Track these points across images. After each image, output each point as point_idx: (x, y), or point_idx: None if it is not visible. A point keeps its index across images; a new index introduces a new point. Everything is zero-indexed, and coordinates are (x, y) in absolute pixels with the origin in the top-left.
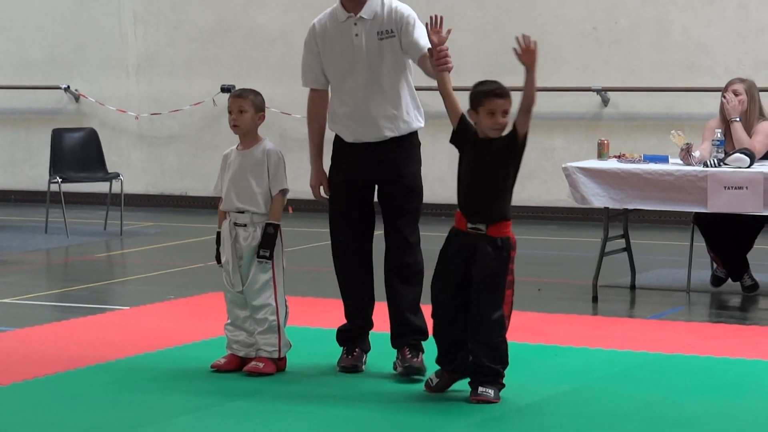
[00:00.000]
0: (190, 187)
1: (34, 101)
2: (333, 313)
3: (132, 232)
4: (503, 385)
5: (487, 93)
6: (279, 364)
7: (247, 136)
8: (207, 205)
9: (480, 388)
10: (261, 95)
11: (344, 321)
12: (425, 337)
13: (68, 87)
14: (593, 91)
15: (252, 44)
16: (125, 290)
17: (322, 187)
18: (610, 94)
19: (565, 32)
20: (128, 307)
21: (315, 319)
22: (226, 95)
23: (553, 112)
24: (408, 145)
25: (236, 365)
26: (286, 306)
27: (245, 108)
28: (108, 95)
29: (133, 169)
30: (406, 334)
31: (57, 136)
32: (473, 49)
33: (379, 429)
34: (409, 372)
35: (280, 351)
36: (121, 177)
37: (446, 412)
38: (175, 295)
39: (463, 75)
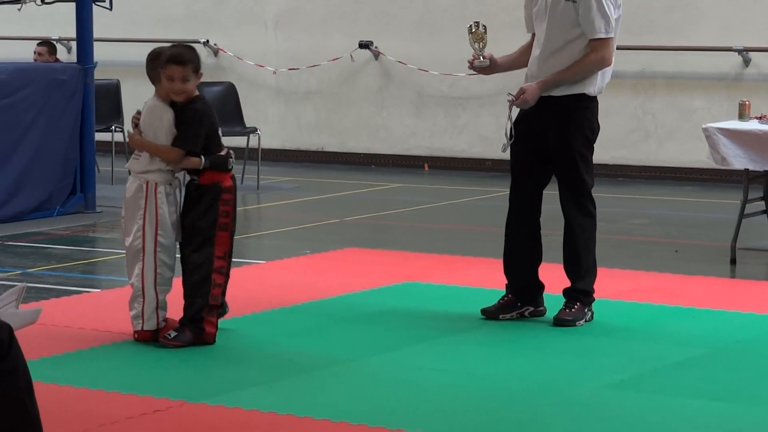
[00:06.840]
0: (326, 143)
1: None
2: (470, 272)
3: (268, 186)
4: None
5: None
6: (139, 335)
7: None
8: (343, 160)
9: None
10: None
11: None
12: None
13: (207, 41)
14: (734, 51)
15: (390, 1)
16: (261, 244)
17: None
18: (751, 54)
19: None
20: (264, 261)
21: (452, 276)
22: (365, 51)
23: (693, 72)
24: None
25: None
26: (154, 273)
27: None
28: (246, 50)
29: (270, 124)
30: None
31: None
32: None
33: (510, 387)
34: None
35: (143, 323)
36: (258, 131)
37: (580, 372)
38: (311, 250)
39: None
